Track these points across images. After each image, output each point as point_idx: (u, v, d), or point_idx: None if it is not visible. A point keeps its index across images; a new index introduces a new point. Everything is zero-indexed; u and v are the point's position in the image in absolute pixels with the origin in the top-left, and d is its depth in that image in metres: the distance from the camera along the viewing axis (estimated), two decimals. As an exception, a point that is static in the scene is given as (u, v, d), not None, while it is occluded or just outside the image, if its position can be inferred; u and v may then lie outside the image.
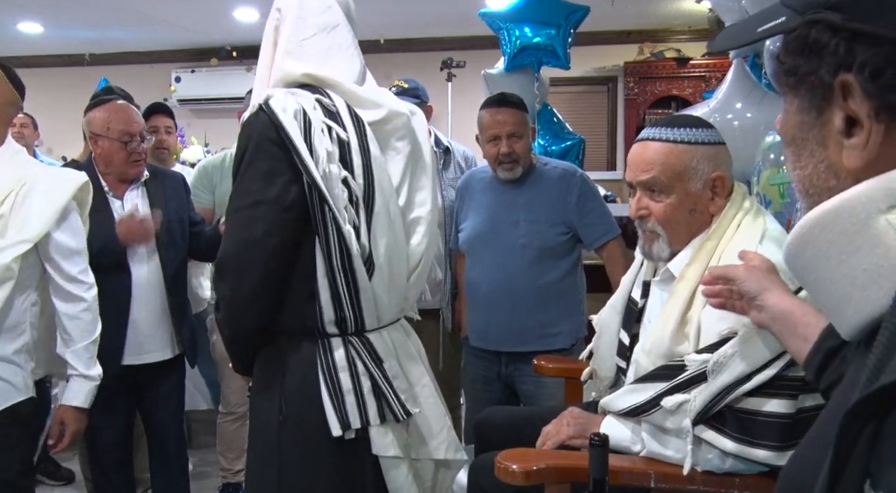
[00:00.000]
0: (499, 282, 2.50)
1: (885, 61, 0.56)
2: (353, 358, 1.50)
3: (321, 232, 1.44)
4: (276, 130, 1.41)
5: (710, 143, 1.54)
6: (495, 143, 2.49)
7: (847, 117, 0.60)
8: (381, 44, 6.20)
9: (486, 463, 1.69)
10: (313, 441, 1.49)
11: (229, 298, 1.48)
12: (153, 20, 5.70)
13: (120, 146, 2.34)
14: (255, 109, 1.46)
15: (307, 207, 1.43)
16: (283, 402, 1.50)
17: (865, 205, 0.58)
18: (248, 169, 1.45)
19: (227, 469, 3.08)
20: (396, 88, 2.87)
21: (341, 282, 1.46)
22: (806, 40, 0.61)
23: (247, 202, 1.44)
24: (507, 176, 2.51)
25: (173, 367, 2.48)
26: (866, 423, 0.55)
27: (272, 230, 1.43)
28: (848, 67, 0.58)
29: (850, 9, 0.58)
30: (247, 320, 1.50)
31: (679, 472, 1.40)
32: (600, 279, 2.67)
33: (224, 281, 1.49)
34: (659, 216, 1.54)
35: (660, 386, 1.42)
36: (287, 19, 1.54)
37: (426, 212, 1.61)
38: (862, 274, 0.58)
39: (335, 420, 1.47)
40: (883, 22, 0.56)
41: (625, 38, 6.38)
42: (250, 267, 1.44)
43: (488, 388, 2.61)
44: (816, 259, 0.61)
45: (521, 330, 2.48)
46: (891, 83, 0.57)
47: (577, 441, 1.58)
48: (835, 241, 0.59)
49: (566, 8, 3.79)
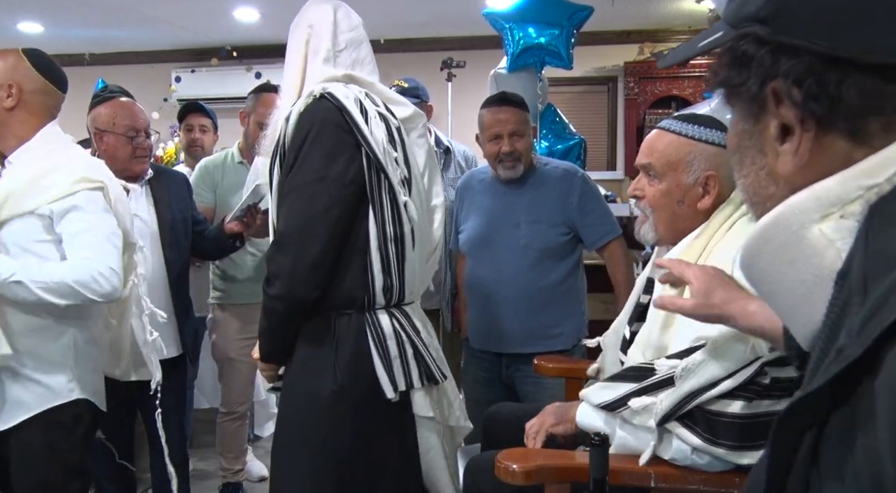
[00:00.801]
0: (500, 283, 2.50)
1: (806, 71, 0.59)
2: (398, 328, 1.68)
3: (377, 204, 1.62)
4: (339, 114, 1.60)
5: (714, 143, 1.56)
6: (497, 141, 2.49)
7: (781, 125, 0.62)
8: (381, 44, 6.20)
9: (482, 463, 1.71)
10: (365, 405, 1.64)
11: (290, 269, 1.58)
12: (153, 20, 5.70)
13: (126, 141, 2.34)
14: (314, 97, 1.62)
15: (364, 183, 1.61)
16: (336, 372, 1.62)
17: (798, 216, 0.60)
18: (311, 149, 1.58)
19: (227, 469, 3.08)
20: (397, 88, 2.87)
21: (392, 252, 1.64)
22: (736, 52, 0.64)
23: (311, 178, 1.58)
24: (509, 175, 2.51)
25: (176, 366, 2.48)
26: (804, 431, 0.55)
27: (334, 204, 1.58)
28: (774, 77, 0.61)
29: (774, 22, 0.60)
30: (306, 290, 1.60)
31: (680, 472, 1.41)
32: (601, 279, 2.67)
33: (286, 253, 1.59)
34: (649, 199, 1.62)
35: (629, 386, 1.45)
36: (320, 34, 1.73)
37: (440, 202, 1.84)
38: (801, 285, 0.60)
39: (388, 384, 1.64)
40: (804, 35, 0.58)
41: (625, 38, 6.38)
42: (314, 239, 1.57)
43: (488, 389, 2.61)
44: (764, 273, 0.63)
45: (522, 331, 2.48)
46: (813, 92, 0.59)
47: (559, 428, 1.62)
48: (777, 253, 0.61)
49: (570, 8, 3.79)
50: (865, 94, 0.57)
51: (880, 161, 0.57)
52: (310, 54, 1.73)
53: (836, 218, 0.58)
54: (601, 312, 3.14)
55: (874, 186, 0.56)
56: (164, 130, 5.94)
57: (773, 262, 0.62)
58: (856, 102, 0.57)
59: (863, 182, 0.57)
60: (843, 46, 0.57)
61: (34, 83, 1.88)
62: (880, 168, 0.57)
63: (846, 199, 0.58)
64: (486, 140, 2.52)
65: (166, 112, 6.56)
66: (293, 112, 1.64)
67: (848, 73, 0.57)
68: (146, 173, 2.44)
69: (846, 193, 0.58)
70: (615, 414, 1.48)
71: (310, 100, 1.63)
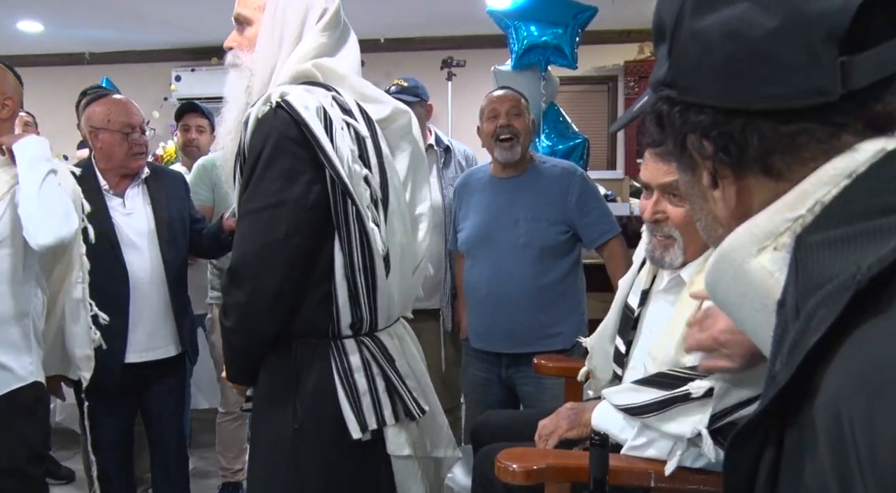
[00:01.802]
0: (499, 283, 2.50)
1: (711, 124, 0.64)
2: (367, 359, 1.49)
3: (343, 231, 1.43)
4: (297, 128, 1.39)
5: None
6: (494, 120, 2.52)
7: (711, 173, 0.67)
8: (381, 43, 6.19)
9: (492, 455, 1.69)
10: (330, 446, 1.48)
11: (245, 303, 1.43)
12: (153, 19, 5.70)
13: (121, 138, 2.34)
14: (268, 105, 1.41)
15: (328, 206, 1.42)
16: (297, 409, 1.47)
17: (738, 251, 0.64)
18: (267, 169, 1.40)
19: (227, 469, 3.08)
20: (397, 87, 2.87)
21: (360, 282, 1.46)
22: (655, 116, 0.69)
23: (267, 203, 1.40)
24: (506, 157, 2.51)
25: (175, 365, 2.48)
26: (760, 452, 0.58)
27: (295, 231, 1.40)
28: (687, 133, 0.66)
29: (677, 85, 0.66)
30: (263, 326, 1.46)
31: (680, 472, 1.41)
32: (600, 278, 2.67)
33: (240, 287, 1.43)
34: (677, 221, 1.50)
35: (657, 393, 1.42)
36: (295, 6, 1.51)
37: (427, 208, 1.66)
38: (756, 314, 0.64)
39: (354, 423, 1.46)
40: (701, 93, 0.64)
41: (625, 37, 6.37)
42: (271, 271, 1.41)
43: (488, 390, 2.61)
44: (725, 302, 0.67)
45: (521, 331, 2.48)
46: (719, 143, 0.64)
47: (573, 432, 1.60)
48: (729, 287, 0.65)
49: (574, 7, 3.80)
50: (765, 137, 0.62)
51: (799, 194, 0.61)
52: (285, 30, 1.51)
53: (770, 250, 0.62)
54: (601, 311, 3.12)
55: (798, 218, 0.60)
56: (164, 129, 5.95)
57: (729, 293, 0.66)
58: (758, 146, 0.62)
59: (787, 215, 0.61)
60: (734, 98, 0.62)
61: (18, 95, 2.00)
62: (800, 201, 0.60)
63: (776, 232, 0.62)
64: (485, 119, 2.57)
65: (166, 111, 6.56)
66: (251, 116, 1.45)
67: (748, 121, 0.62)
68: (143, 172, 2.43)
69: (775, 226, 0.62)
70: (637, 418, 1.45)
71: (266, 108, 1.42)
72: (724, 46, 0.62)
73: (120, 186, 2.40)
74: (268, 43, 1.51)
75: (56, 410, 3.45)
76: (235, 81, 1.54)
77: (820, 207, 0.59)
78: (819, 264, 0.55)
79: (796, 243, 0.59)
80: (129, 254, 2.33)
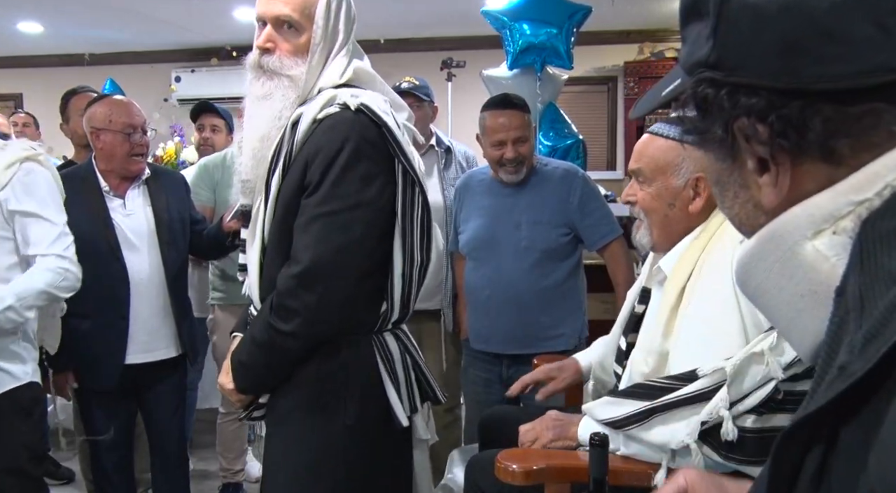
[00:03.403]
0: (501, 285, 2.50)
1: (766, 108, 0.59)
2: (402, 349, 1.57)
3: (408, 230, 1.48)
4: (376, 130, 1.44)
5: None
6: (499, 147, 2.47)
7: (758, 158, 0.63)
8: (381, 44, 6.20)
9: (483, 462, 1.70)
10: (377, 436, 1.52)
11: (315, 306, 1.42)
12: (153, 20, 5.70)
13: (123, 138, 2.34)
14: (344, 107, 1.44)
15: (393, 208, 1.47)
16: (348, 405, 1.48)
17: (792, 233, 0.60)
18: (346, 172, 1.42)
19: (227, 469, 3.08)
20: (409, 85, 2.87)
21: (415, 278, 1.53)
22: (696, 98, 0.64)
23: (345, 205, 1.42)
24: (512, 179, 2.50)
25: (175, 366, 2.48)
26: (806, 451, 0.55)
27: (370, 232, 1.44)
28: (737, 116, 0.62)
29: (725, 65, 0.61)
30: (329, 328, 1.47)
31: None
32: (601, 279, 2.67)
33: (311, 289, 1.42)
34: (641, 203, 1.63)
35: (637, 404, 1.43)
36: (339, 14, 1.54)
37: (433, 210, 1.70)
38: (800, 300, 0.60)
39: (401, 410, 1.52)
40: (755, 74, 0.60)
41: (625, 38, 6.37)
42: (345, 273, 1.43)
43: (489, 390, 2.61)
44: (760, 288, 0.63)
45: (523, 333, 2.48)
46: (779, 127, 0.59)
47: (558, 444, 1.60)
48: (772, 269, 0.62)
49: (569, 7, 3.80)
50: (828, 119, 0.58)
51: (867, 176, 0.57)
52: (336, 40, 1.52)
53: (828, 234, 0.59)
54: (601, 312, 3.14)
55: (864, 201, 0.57)
56: (164, 129, 5.95)
57: (768, 277, 0.62)
58: (821, 129, 0.58)
59: (852, 198, 0.58)
60: (793, 78, 0.58)
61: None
62: (868, 183, 0.57)
63: (837, 215, 0.58)
64: (489, 145, 2.50)
65: (166, 112, 6.57)
66: (305, 118, 1.46)
67: (808, 102, 0.58)
68: (143, 173, 2.43)
69: (837, 209, 0.58)
70: (620, 432, 1.46)
71: (335, 110, 1.45)
72: (782, 21, 0.58)
73: (120, 188, 2.40)
74: (321, 53, 1.52)
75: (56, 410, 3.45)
76: (284, 90, 1.51)
77: (890, 191, 0.56)
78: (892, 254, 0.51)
79: (862, 229, 0.55)
80: (129, 255, 2.33)
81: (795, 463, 0.56)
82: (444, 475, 2.19)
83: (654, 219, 1.62)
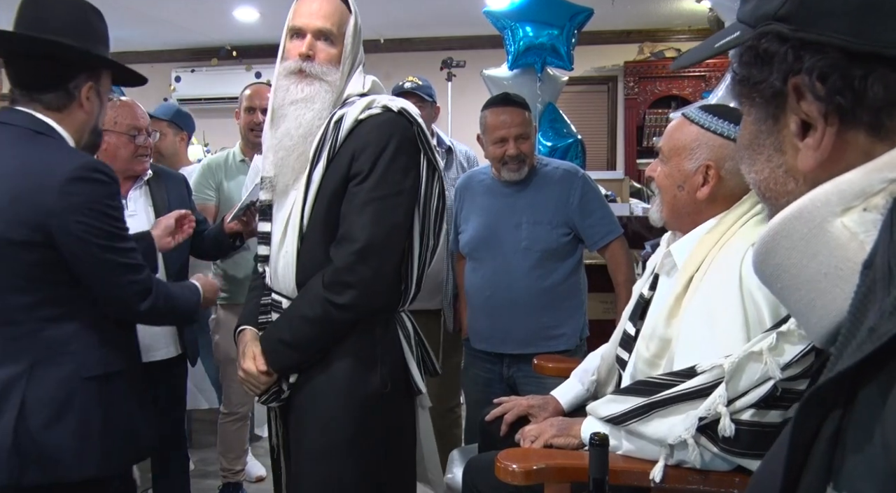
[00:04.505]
0: (501, 286, 2.50)
1: (830, 67, 0.59)
2: (413, 327, 1.79)
3: (430, 218, 1.73)
4: (413, 130, 1.68)
5: (722, 135, 1.56)
6: (501, 144, 2.47)
7: (801, 121, 0.63)
8: (380, 43, 6.20)
9: (481, 463, 1.71)
10: (402, 402, 1.75)
11: (371, 279, 1.62)
12: (153, 20, 5.70)
13: (128, 140, 2.34)
14: (386, 109, 1.67)
15: (419, 196, 1.70)
16: (383, 374, 1.68)
17: (820, 209, 0.60)
18: (392, 163, 1.64)
19: (227, 469, 3.08)
20: (412, 84, 2.87)
21: (427, 260, 1.74)
22: (757, 51, 0.64)
23: (392, 191, 1.64)
24: (514, 177, 2.50)
25: (176, 366, 2.48)
26: (826, 414, 0.56)
27: (407, 217, 1.67)
28: (797, 72, 0.61)
29: (795, 19, 0.61)
30: (381, 299, 1.67)
31: (679, 472, 1.41)
32: (601, 279, 2.67)
33: (367, 263, 1.62)
34: (657, 180, 1.69)
35: (637, 400, 1.45)
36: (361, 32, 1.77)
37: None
38: (823, 279, 0.60)
39: (420, 381, 1.76)
40: (827, 31, 0.59)
41: (625, 38, 6.38)
42: (394, 249, 1.66)
43: (489, 389, 2.61)
44: (780, 267, 0.63)
45: (523, 333, 2.48)
46: (837, 87, 0.59)
47: (560, 440, 1.61)
48: (795, 247, 0.61)
49: (571, 9, 3.80)
50: (891, 88, 0.57)
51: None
52: (358, 51, 1.75)
53: (859, 211, 0.58)
54: (601, 312, 3.15)
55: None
56: (164, 129, 5.94)
57: (791, 255, 0.62)
58: (881, 97, 0.58)
59: (887, 175, 0.57)
60: (867, 41, 0.57)
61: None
62: None
63: (869, 191, 0.58)
64: (490, 143, 2.51)
65: (166, 112, 6.57)
66: (349, 118, 1.65)
67: (873, 67, 0.57)
68: (146, 174, 2.44)
69: (870, 185, 0.58)
70: (621, 427, 1.47)
71: (377, 111, 1.67)
72: None
73: (122, 188, 2.40)
74: (350, 63, 1.73)
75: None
76: (324, 94, 1.69)
77: None
78: None
79: (894, 205, 0.55)
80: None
81: (815, 425, 0.56)
82: (444, 475, 2.19)
83: (665, 197, 1.66)
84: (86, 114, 1.68)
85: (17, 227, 1.52)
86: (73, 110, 1.65)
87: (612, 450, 1.49)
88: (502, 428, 1.87)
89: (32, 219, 1.52)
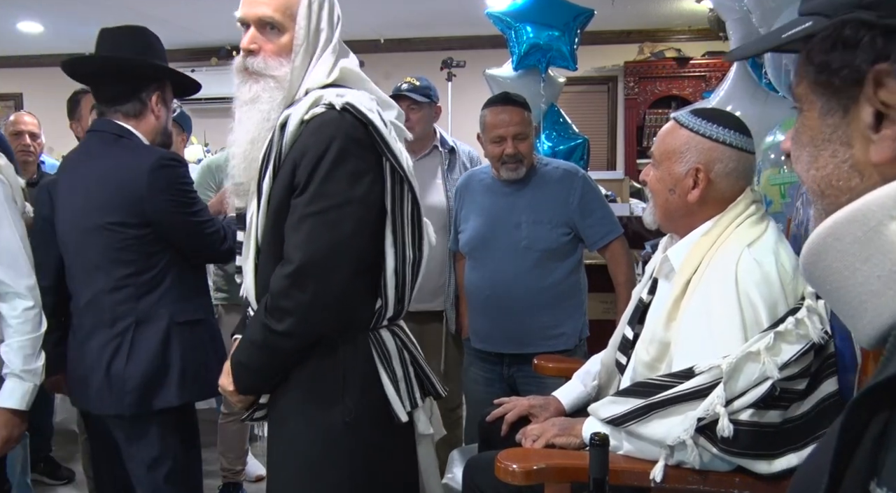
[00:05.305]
0: (501, 285, 2.49)
1: None
2: (399, 345, 1.58)
3: (399, 227, 1.51)
4: (363, 130, 1.45)
5: (711, 138, 1.57)
6: (500, 143, 2.47)
7: (876, 111, 0.62)
8: (380, 43, 6.20)
9: (481, 462, 1.71)
10: (378, 434, 1.53)
11: (308, 304, 1.43)
12: (153, 20, 5.70)
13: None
14: (330, 108, 1.45)
15: (383, 205, 1.49)
16: (347, 402, 1.50)
17: (876, 213, 0.59)
18: (333, 170, 1.43)
19: (227, 469, 3.08)
20: (409, 85, 2.86)
21: (409, 275, 1.54)
22: (838, 39, 0.63)
23: (334, 203, 1.43)
24: (512, 176, 2.50)
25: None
26: (872, 415, 0.56)
27: (359, 230, 1.46)
28: (885, 59, 0.60)
29: (882, 7, 0.60)
30: (323, 326, 1.48)
31: (679, 472, 1.42)
32: (601, 279, 2.67)
33: (303, 287, 1.43)
34: (649, 184, 1.69)
35: (637, 402, 1.45)
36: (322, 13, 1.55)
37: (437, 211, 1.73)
38: (876, 281, 0.59)
39: (399, 406, 1.53)
40: None
41: (625, 38, 6.38)
42: (337, 270, 1.44)
43: (490, 389, 2.61)
44: (831, 269, 0.62)
45: (523, 333, 2.48)
46: None
47: (561, 439, 1.61)
48: (847, 250, 0.60)
49: (573, 10, 3.81)
50: None
51: None
52: (320, 39, 1.54)
53: None
54: (601, 312, 3.15)
55: None
56: (164, 129, 5.94)
57: (842, 258, 0.61)
58: None
59: None
60: None
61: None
62: None
63: None
64: (489, 141, 2.51)
65: (166, 112, 6.56)
66: (293, 119, 1.47)
67: None
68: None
69: None
70: (621, 428, 1.48)
71: (321, 110, 1.46)
72: None
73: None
74: (305, 53, 1.53)
75: (56, 410, 3.46)
76: (270, 91, 1.53)
77: None
78: None
79: None
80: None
81: (863, 425, 0.57)
82: (444, 475, 2.19)
83: (658, 201, 1.67)
84: (156, 118, 2.00)
85: (118, 211, 1.87)
86: (147, 116, 1.99)
87: (613, 450, 1.49)
88: (503, 428, 1.84)
89: (128, 203, 1.87)
